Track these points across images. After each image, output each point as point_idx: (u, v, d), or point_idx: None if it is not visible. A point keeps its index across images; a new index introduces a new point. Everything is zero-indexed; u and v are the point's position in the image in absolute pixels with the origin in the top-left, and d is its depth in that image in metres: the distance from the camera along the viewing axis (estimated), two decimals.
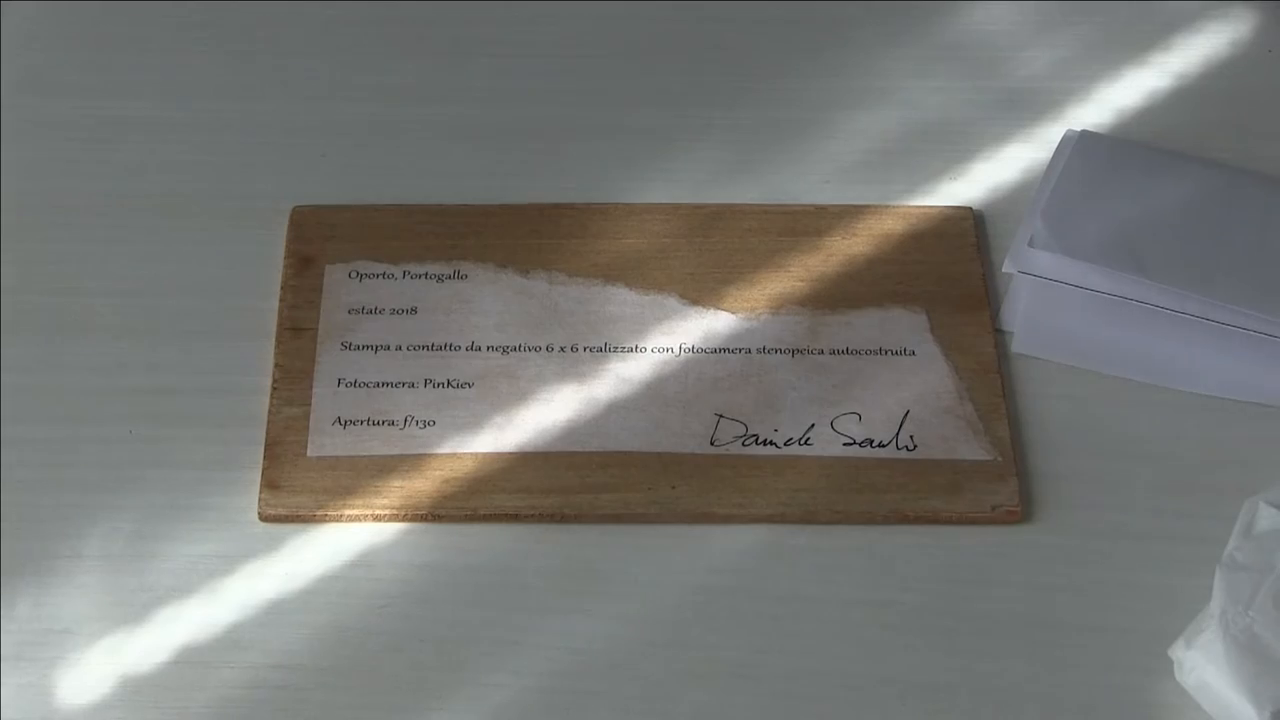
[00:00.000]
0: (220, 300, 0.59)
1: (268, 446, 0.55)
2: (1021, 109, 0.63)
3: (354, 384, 0.56)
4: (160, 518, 0.54)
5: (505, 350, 0.57)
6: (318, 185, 0.61)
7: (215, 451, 0.55)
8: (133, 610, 0.52)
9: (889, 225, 0.60)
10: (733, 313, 0.58)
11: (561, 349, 0.57)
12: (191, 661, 0.51)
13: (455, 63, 0.65)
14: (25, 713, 0.50)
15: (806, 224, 0.61)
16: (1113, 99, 0.64)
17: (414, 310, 0.58)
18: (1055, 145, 0.61)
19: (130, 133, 0.63)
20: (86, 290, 0.59)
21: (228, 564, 0.53)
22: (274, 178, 0.62)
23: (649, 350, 0.57)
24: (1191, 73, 0.64)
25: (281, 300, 0.58)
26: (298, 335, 0.57)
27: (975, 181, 0.62)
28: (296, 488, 0.54)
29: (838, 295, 0.59)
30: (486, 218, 0.60)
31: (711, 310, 0.58)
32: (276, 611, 0.52)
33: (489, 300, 0.58)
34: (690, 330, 0.58)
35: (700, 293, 0.59)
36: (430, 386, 0.56)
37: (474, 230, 0.60)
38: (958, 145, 0.62)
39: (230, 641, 0.51)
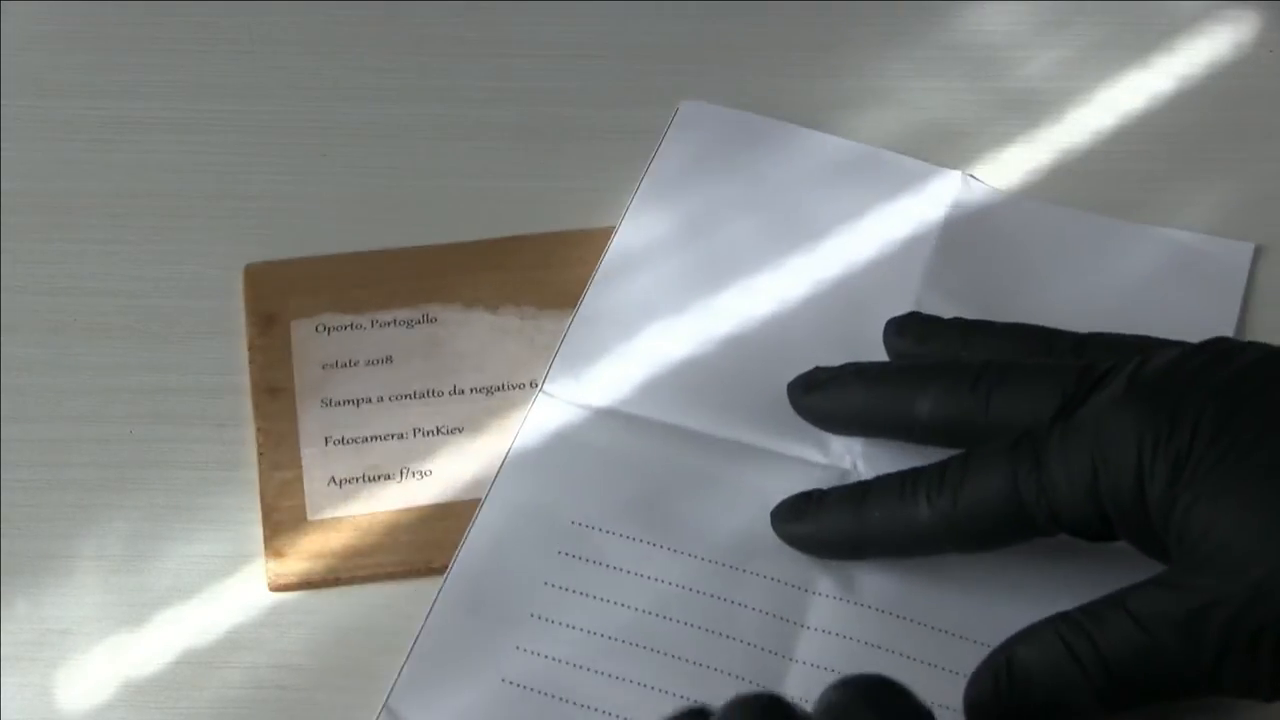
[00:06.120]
0: (220, 300, 0.58)
1: (265, 514, 0.53)
2: (1022, 109, 0.63)
3: (342, 441, 0.54)
4: (160, 518, 0.54)
5: (489, 391, 0.56)
6: (318, 185, 0.61)
7: (215, 451, 0.55)
8: (133, 610, 0.52)
9: None
10: None
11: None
12: (192, 662, 0.51)
13: (455, 63, 0.65)
14: (25, 713, 0.50)
15: None
16: (1114, 100, 0.64)
17: (389, 359, 0.56)
18: (1055, 147, 0.61)
19: (130, 133, 0.63)
20: (86, 290, 0.59)
21: (228, 564, 0.53)
22: (274, 177, 0.62)
23: None
24: (1194, 74, 0.64)
25: (251, 362, 0.56)
26: (275, 396, 0.55)
27: None
28: (303, 554, 0.52)
29: None
30: (445, 256, 0.58)
31: None
32: (278, 612, 0.52)
33: (463, 341, 0.57)
34: None
35: None
36: (420, 435, 0.55)
37: (434, 271, 0.58)
38: (958, 145, 0.62)
39: (231, 642, 0.51)
